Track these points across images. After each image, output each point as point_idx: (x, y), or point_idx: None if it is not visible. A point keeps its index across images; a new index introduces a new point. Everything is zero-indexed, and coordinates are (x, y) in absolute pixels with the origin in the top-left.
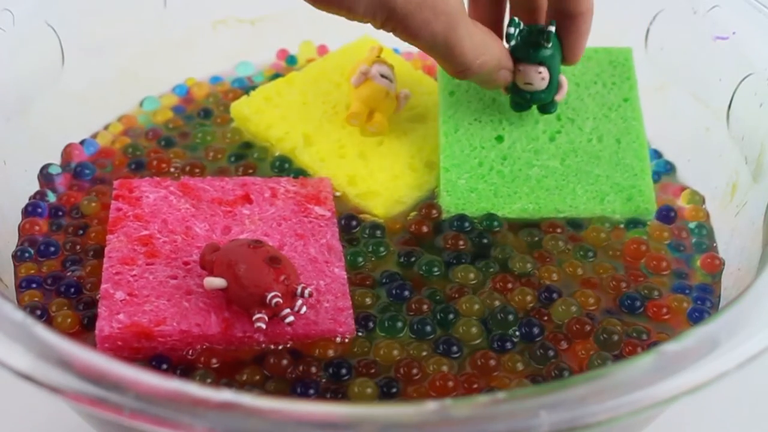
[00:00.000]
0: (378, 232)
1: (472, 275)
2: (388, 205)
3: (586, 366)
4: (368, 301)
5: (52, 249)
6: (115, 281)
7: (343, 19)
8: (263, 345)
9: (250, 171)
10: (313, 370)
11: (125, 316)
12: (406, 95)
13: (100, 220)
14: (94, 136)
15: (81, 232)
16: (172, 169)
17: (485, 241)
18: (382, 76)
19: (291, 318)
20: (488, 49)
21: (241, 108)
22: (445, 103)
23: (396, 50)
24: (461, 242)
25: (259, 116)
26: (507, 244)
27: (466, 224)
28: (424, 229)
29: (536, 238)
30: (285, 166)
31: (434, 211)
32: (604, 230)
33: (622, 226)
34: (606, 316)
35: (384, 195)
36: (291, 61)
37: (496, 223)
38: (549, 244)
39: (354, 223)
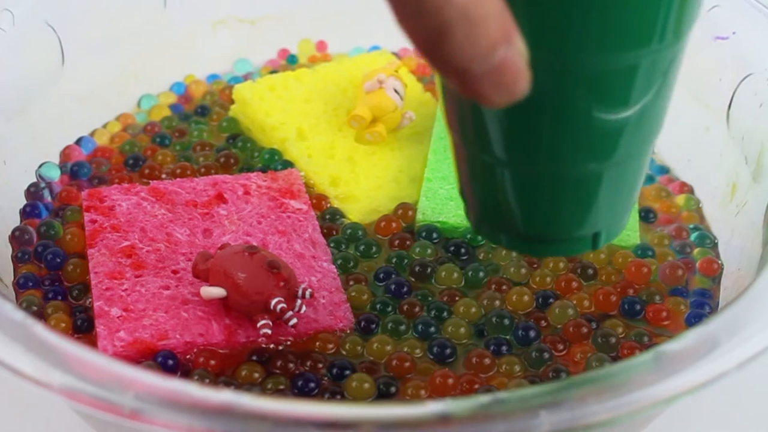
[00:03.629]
0: (360, 233)
1: (455, 275)
2: (364, 212)
3: (584, 368)
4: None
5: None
6: (107, 297)
7: (343, 19)
8: (264, 344)
9: (232, 160)
10: (318, 366)
11: (126, 333)
12: (411, 117)
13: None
14: (92, 134)
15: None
16: (170, 167)
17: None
18: (395, 91)
19: (294, 320)
20: None
21: (243, 91)
22: (441, 126)
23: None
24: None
25: (259, 102)
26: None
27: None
28: (393, 225)
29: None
30: (274, 158)
31: (410, 212)
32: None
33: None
34: (606, 319)
35: (363, 202)
36: (292, 60)
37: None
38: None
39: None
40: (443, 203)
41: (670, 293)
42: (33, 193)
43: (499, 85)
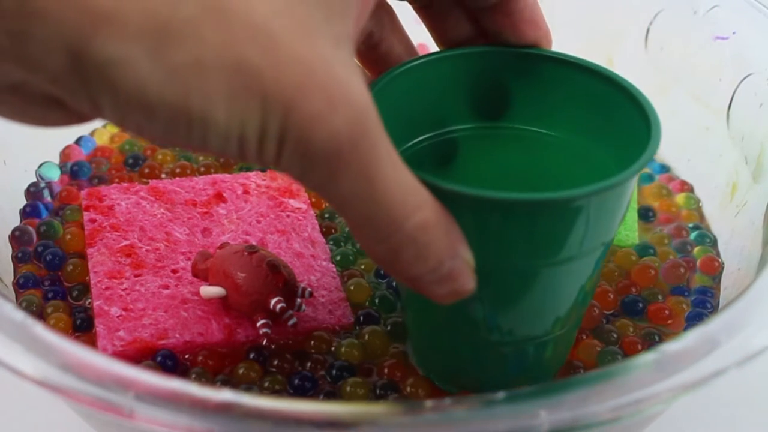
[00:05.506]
0: None
1: None
2: None
3: (596, 363)
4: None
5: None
6: (106, 297)
7: None
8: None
9: (232, 160)
10: (316, 366)
11: (125, 332)
12: None
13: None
14: (92, 133)
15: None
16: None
17: None
18: None
19: (294, 320)
20: (425, 199)
21: None
22: None
23: None
24: None
25: None
26: None
27: None
28: None
29: None
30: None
31: None
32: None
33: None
34: (611, 318)
35: None
36: None
37: None
38: None
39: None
40: None
41: (672, 292)
42: (33, 193)
43: (448, 289)
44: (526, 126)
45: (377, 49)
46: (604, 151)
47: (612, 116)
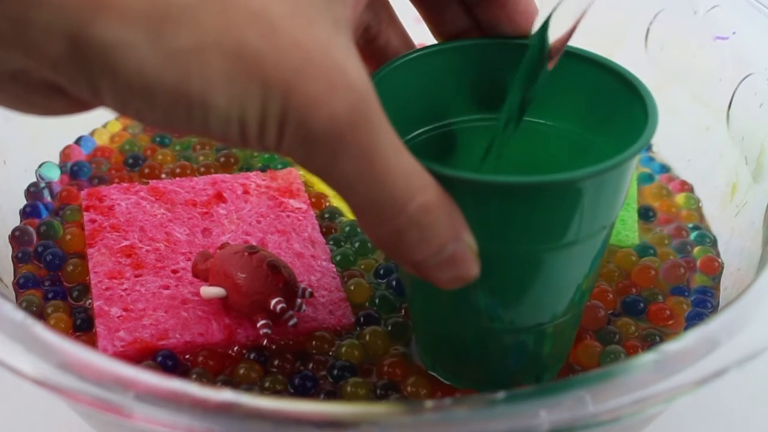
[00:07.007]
0: (358, 230)
1: None
2: None
3: (598, 363)
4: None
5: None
6: (107, 297)
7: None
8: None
9: (232, 160)
10: (317, 366)
11: (126, 333)
12: None
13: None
14: (92, 133)
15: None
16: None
17: None
18: None
19: (294, 320)
20: (427, 182)
21: None
22: None
23: None
24: None
25: None
26: None
27: None
28: None
29: None
30: (274, 157)
31: None
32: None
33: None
34: (612, 319)
35: None
36: None
37: None
38: None
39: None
40: None
41: (672, 292)
42: (33, 193)
43: (451, 275)
44: (525, 117)
45: (375, 43)
46: (603, 141)
47: (611, 105)
